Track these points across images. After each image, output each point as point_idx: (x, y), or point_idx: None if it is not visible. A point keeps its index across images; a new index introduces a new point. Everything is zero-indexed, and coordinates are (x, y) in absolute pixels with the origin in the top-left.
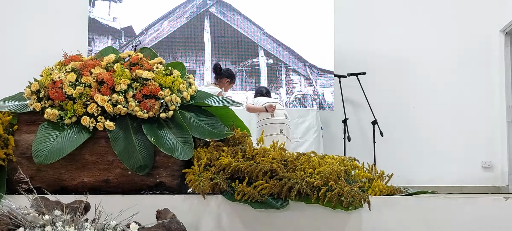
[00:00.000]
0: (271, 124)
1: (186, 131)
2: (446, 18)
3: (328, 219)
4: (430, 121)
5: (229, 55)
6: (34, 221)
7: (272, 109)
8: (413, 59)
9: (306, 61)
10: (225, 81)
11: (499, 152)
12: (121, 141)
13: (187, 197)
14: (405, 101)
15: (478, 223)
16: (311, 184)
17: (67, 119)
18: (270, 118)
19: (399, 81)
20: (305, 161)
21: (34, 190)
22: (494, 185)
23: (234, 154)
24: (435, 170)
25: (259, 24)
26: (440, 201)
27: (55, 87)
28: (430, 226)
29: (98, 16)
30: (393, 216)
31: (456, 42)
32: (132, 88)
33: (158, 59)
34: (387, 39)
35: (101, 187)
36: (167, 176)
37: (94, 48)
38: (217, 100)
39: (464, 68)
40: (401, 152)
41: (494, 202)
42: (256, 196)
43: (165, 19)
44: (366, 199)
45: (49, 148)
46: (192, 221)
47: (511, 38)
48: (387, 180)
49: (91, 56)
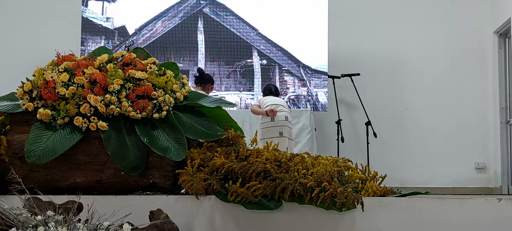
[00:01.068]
0: (270, 127)
1: (179, 132)
2: (440, 20)
3: (321, 220)
4: (424, 122)
5: (222, 56)
6: (26, 222)
7: (273, 113)
8: (407, 60)
9: (300, 62)
10: (209, 86)
11: (492, 153)
12: (114, 141)
13: (180, 198)
14: (398, 103)
15: (471, 224)
16: (305, 185)
17: (59, 119)
18: (270, 122)
19: (392, 83)
20: (299, 162)
21: (27, 190)
22: (488, 186)
23: (228, 155)
24: (429, 171)
25: (253, 25)
26: (433, 202)
27: (47, 87)
28: (423, 227)
29: (91, 16)
30: (387, 217)
31: (450, 44)
32: (125, 89)
33: (151, 60)
34: (381, 41)
35: (94, 187)
36: (160, 176)
37: (87, 48)
38: (210, 101)
39: (458, 70)
40: (395, 153)
41: (487, 203)
42: (250, 197)
43: (158, 19)
44: (359, 200)
45: (42, 148)
46: (185, 222)
47: (504, 39)
48: (381, 181)
49: (84, 56)
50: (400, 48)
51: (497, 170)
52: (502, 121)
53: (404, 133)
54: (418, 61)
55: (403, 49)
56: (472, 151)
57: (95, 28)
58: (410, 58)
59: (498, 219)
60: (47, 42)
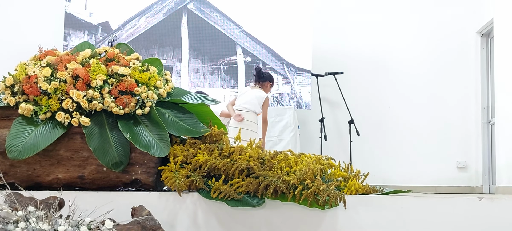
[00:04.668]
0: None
1: (163, 128)
2: (423, 20)
3: (304, 217)
4: (406, 121)
5: (206, 53)
6: (7, 217)
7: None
8: (390, 59)
9: (284, 60)
10: (268, 85)
11: (474, 153)
12: (96, 137)
13: (162, 195)
14: (381, 102)
15: (452, 222)
16: (288, 182)
17: (41, 114)
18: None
19: (376, 81)
20: (282, 160)
21: (8, 186)
22: (469, 185)
23: (211, 152)
24: (411, 169)
25: (237, 22)
26: (415, 200)
27: (29, 82)
28: (405, 225)
29: (74, 11)
30: (369, 215)
31: (433, 44)
32: (108, 84)
33: (134, 55)
34: (365, 40)
35: (76, 183)
36: (143, 173)
37: (70, 43)
38: (194, 98)
39: (441, 69)
40: (377, 152)
41: (468, 202)
42: (233, 194)
43: (142, 15)
44: (342, 197)
45: (23, 143)
46: (167, 218)
47: (487, 39)
48: (363, 179)
49: (66, 51)
50: (383, 48)
51: (478, 169)
52: (484, 120)
53: (387, 132)
54: (401, 61)
55: (386, 48)
56: (454, 150)
57: (78, 23)
58: (393, 58)
59: (479, 218)
60: (30, 37)
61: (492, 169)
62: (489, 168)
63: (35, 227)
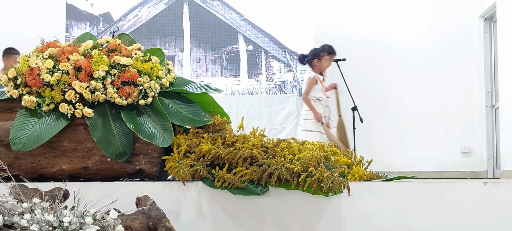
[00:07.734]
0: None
1: (166, 118)
2: (426, 4)
3: (308, 204)
4: (410, 106)
5: (208, 42)
6: (12, 209)
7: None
8: (393, 45)
9: (286, 48)
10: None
11: (478, 138)
12: (99, 128)
13: (167, 184)
14: (384, 87)
15: (457, 208)
16: (291, 170)
17: (45, 106)
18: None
19: (378, 67)
20: (285, 147)
21: (12, 178)
22: (473, 170)
23: (214, 141)
24: (415, 155)
25: (239, 10)
26: (419, 186)
27: (32, 74)
28: (409, 211)
29: (75, 2)
30: (373, 201)
31: (436, 28)
32: (111, 75)
33: (136, 46)
34: (367, 26)
35: (80, 174)
36: (147, 163)
37: (72, 35)
38: (196, 87)
39: (444, 54)
40: (381, 138)
41: (472, 187)
42: (236, 183)
43: (143, 5)
44: (345, 184)
45: (27, 135)
46: (172, 208)
47: (490, 23)
48: (367, 166)
49: (68, 43)
50: (386, 33)
51: (482, 154)
52: (488, 105)
53: (390, 118)
54: (404, 46)
55: (389, 33)
56: (458, 135)
57: (79, 14)
58: (396, 43)
59: (484, 203)
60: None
61: (497, 154)
62: (494, 153)
63: (40, 219)
